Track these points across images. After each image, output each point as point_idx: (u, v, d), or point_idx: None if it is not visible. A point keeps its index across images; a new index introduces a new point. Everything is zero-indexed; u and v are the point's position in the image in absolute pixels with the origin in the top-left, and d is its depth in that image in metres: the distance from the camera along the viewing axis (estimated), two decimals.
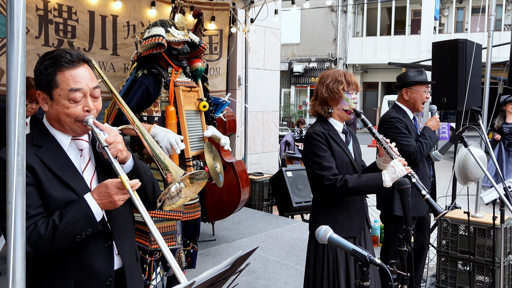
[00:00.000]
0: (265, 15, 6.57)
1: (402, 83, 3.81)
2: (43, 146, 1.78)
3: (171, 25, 3.66)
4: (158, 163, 2.21)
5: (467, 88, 4.49)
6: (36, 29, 4.58)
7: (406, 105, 3.81)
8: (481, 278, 4.06)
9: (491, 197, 3.27)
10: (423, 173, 3.70)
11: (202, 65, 3.87)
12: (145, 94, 3.51)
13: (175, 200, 2.10)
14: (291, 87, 29.63)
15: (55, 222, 1.66)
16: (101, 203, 1.73)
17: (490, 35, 4.18)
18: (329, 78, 2.79)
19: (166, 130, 3.45)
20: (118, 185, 1.71)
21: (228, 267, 1.33)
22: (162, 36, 3.54)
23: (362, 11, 28.11)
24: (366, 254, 1.70)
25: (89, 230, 1.72)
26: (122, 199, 1.74)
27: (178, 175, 2.15)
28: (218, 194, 5.08)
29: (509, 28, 24.19)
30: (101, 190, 1.73)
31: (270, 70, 8.55)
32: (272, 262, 4.85)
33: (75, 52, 1.82)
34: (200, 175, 2.13)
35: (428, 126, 3.77)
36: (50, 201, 1.72)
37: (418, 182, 2.60)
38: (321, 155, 2.69)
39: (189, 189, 2.14)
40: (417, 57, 22.54)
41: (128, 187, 1.68)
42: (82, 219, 1.69)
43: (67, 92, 1.75)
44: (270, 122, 8.62)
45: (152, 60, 3.66)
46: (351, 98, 2.77)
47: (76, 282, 1.76)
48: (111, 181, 1.72)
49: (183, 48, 3.67)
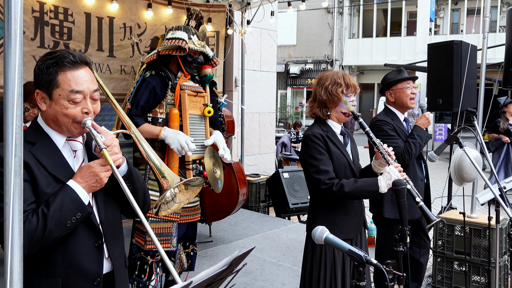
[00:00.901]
0: (261, 16, 6.59)
1: (384, 86, 3.84)
2: (38, 143, 1.78)
3: (194, 34, 3.74)
4: (155, 169, 2.22)
5: (463, 89, 4.51)
6: (31, 30, 4.58)
7: (394, 106, 3.81)
8: (477, 278, 4.08)
9: (487, 198, 3.29)
10: (414, 175, 3.67)
11: (211, 71, 3.93)
12: (152, 95, 3.55)
13: (170, 205, 2.11)
14: (287, 89, 29.68)
15: (44, 211, 1.66)
16: (87, 185, 1.74)
17: (485, 37, 4.21)
18: (328, 80, 2.78)
19: (177, 132, 3.47)
20: (101, 162, 1.75)
21: (225, 267, 1.34)
22: (185, 41, 3.61)
23: (358, 12, 28.18)
24: (362, 254, 1.72)
25: (79, 214, 1.71)
26: (107, 176, 1.77)
27: (174, 182, 2.16)
28: (216, 195, 5.08)
29: (504, 29, 24.28)
30: (83, 172, 1.75)
31: (267, 72, 8.56)
32: (269, 263, 4.86)
33: (78, 53, 1.83)
34: (195, 182, 2.14)
35: (418, 125, 3.75)
36: (43, 198, 1.71)
37: (413, 189, 2.60)
38: (318, 158, 2.69)
39: (183, 194, 2.16)
40: (413, 59, 22.62)
41: (110, 161, 1.71)
42: (70, 204, 1.69)
43: (68, 93, 1.75)
44: (266, 124, 8.63)
45: (162, 63, 3.71)
46: (349, 101, 2.77)
47: (64, 281, 1.75)
48: (92, 162, 1.77)
49: (198, 57, 3.75)
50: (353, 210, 2.80)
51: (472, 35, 22.11)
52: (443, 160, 11.94)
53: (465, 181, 3.51)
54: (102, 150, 1.74)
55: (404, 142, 3.63)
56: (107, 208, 1.89)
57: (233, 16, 6.55)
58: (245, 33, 6.72)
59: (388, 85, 3.79)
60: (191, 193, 2.18)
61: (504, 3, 24.77)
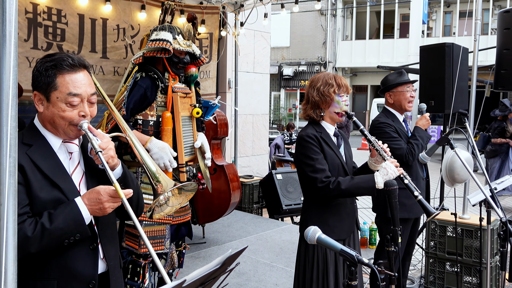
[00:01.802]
0: (254, 18, 6.60)
1: (384, 87, 3.88)
2: (34, 145, 1.79)
3: (179, 33, 3.66)
4: (149, 173, 2.23)
5: (454, 91, 4.54)
6: (25, 32, 4.57)
7: (393, 107, 3.86)
8: (469, 279, 4.11)
9: (478, 199, 3.31)
10: (416, 174, 3.75)
11: (196, 71, 3.87)
12: (143, 98, 3.51)
13: (164, 208, 2.12)
14: (281, 90, 29.72)
15: (44, 225, 1.65)
16: (91, 208, 1.73)
17: (476, 39, 4.24)
18: (320, 81, 2.80)
19: (162, 148, 3.40)
20: (111, 193, 1.72)
21: (218, 267, 1.35)
22: (170, 42, 3.54)
23: (351, 15, 28.29)
24: (354, 254, 1.73)
25: (78, 235, 1.73)
26: (112, 207, 1.75)
27: (168, 186, 2.17)
28: (209, 196, 5.09)
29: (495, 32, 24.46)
30: (92, 195, 1.74)
31: (260, 73, 8.58)
32: (262, 264, 4.87)
33: (77, 57, 1.84)
34: (189, 187, 2.16)
35: (418, 125, 3.82)
36: (37, 202, 1.72)
37: (411, 183, 2.63)
38: (314, 158, 2.70)
39: (177, 199, 2.17)
40: (405, 61, 22.72)
41: (122, 195, 1.68)
42: (72, 224, 1.70)
43: (66, 96, 1.77)
44: (260, 125, 8.64)
45: (150, 63, 3.66)
46: (342, 100, 2.79)
47: (59, 284, 1.76)
48: (104, 188, 1.73)
49: (184, 58, 3.68)
50: (346, 211, 2.82)
51: (464, 37, 22.28)
52: (436, 162, 12.00)
53: (457, 182, 3.54)
54: (97, 153, 1.74)
55: (406, 143, 3.69)
56: None
57: (227, 18, 6.56)
58: (239, 35, 6.74)
59: (388, 87, 3.84)
60: (184, 198, 2.20)
61: (496, 6, 24.95)
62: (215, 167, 5.13)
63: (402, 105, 3.80)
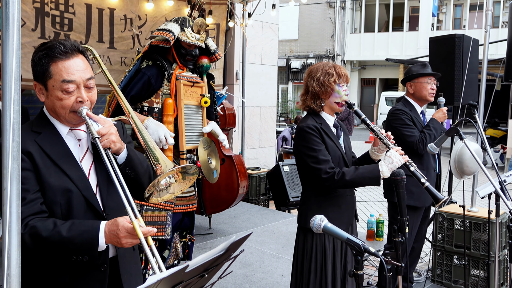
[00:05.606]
0: (262, 9, 6.57)
1: (406, 77, 3.95)
2: (43, 133, 1.80)
3: (190, 26, 3.72)
4: (149, 154, 2.23)
5: (464, 83, 4.50)
6: (32, 21, 4.57)
7: (413, 98, 3.93)
8: (476, 272, 4.08)
9: (487, 191, 3.28)
10: (428, 165, 3.81)
11: (207, 61, 3.91)
12: (146, 85, 3.56)
13: (163, 193, 2.10)
14: (289, 83, 29.63)
15: (61, 233, 1.65)
16: (109, 239, 1.70)
17: (487, 30, 4.19)
18: (319, 71, 2.76)
19: (158, 124, 3.48)
20: (129, 230, 1.65)
21: (222, 252, 1.33)
22: (173, 33, 3.59)
23: (360, 7, 28.10)
24: (360, 243, 1.72)
25: (86, 257, 1.72)
26: (130, 243, 1.69)
27: (168, 168, 2.16)
28: (217, 187, 5.09)
29: (506, 25, 24.20)
30: (112, 228, 1.69)
31: (268, 65, 8.54)
32: (268, 255, 4.86)
33: (69, 42, 1.81)
34: (190, 169, 2.14)
35: (434, 117, 3.89)
36: (47, 187, 1.72)
37: (417, 171, 2.59)
38: (316, 149, 2.66)
39: (179, 185, 2.15)
40: (415, 54, 22.57)
41: (140, 235, 1.58)
42: (85, 245, 1.68)
43: (60, 83, 1.76)
44: (267, 117, 8.62)
45: (160, 53, 3.71)
46: (342, 90, 2.75)
47: (71, 267, 1.76)
48: (123, 224, 1.66)
49: (192, 50, 3.73)
50: (345, 203, 2.80)
51: (474, 30, 22.00)
52: (444, 155, 11.93)
53: (465, 174, 3.50)
54: (94, 139, 1.74)
55: (419, 132, 3.75)
56: (110, 194, 1.89)
57: (234, 9, 6.52)
58: (246, 26, 6.70)
59: (410, 77, 3.91)
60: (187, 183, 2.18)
61: None
62: (224, 157, 5.12)
63: (423, 95, 3.86)
